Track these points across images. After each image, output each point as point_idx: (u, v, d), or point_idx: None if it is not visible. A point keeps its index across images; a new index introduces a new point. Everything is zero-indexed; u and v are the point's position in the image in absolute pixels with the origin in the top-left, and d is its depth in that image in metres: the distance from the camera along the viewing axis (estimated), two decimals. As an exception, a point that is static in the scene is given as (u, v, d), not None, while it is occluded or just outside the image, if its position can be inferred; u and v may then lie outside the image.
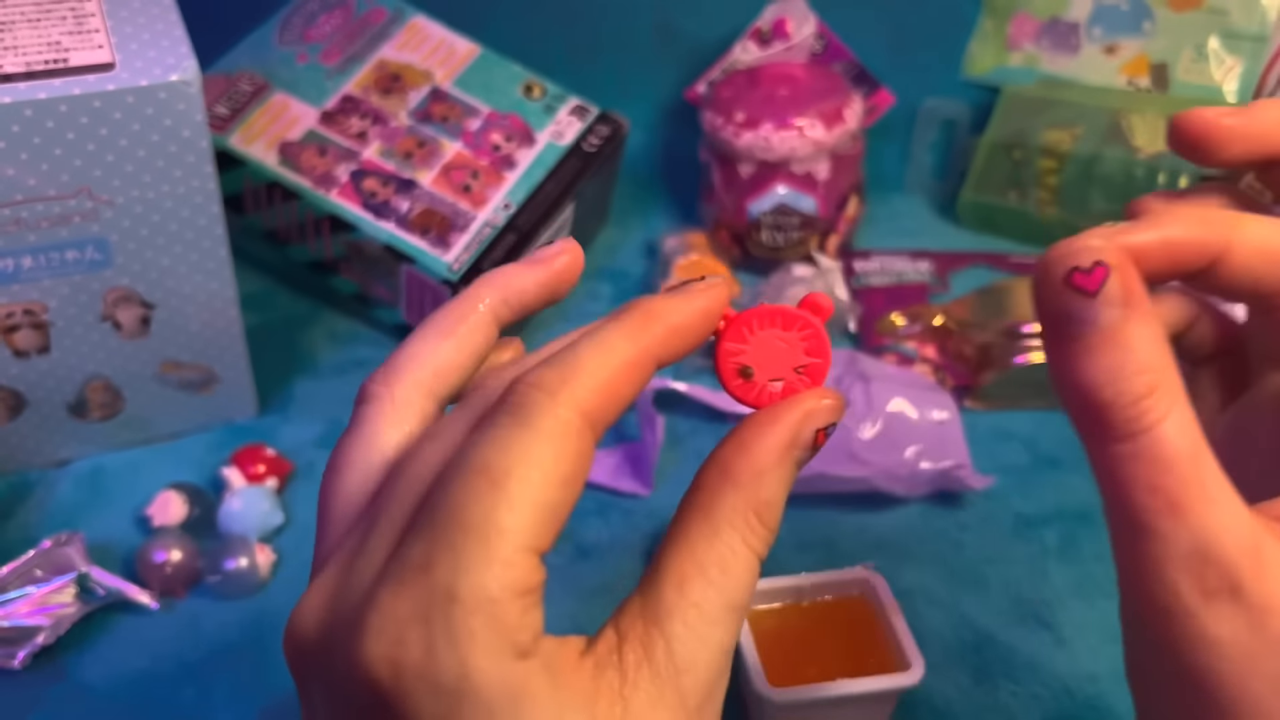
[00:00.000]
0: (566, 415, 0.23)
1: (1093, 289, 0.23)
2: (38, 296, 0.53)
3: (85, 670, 0.51)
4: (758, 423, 0.26)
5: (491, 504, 0.22)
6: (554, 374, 0.23)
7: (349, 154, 0.66)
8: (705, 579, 0.24)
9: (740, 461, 0.25)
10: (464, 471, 0.23)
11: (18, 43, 0.49)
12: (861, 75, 0.81)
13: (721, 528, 0.25)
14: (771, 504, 0.25)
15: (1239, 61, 0.77)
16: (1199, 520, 0.23)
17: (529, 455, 0.23)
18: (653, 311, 0.25)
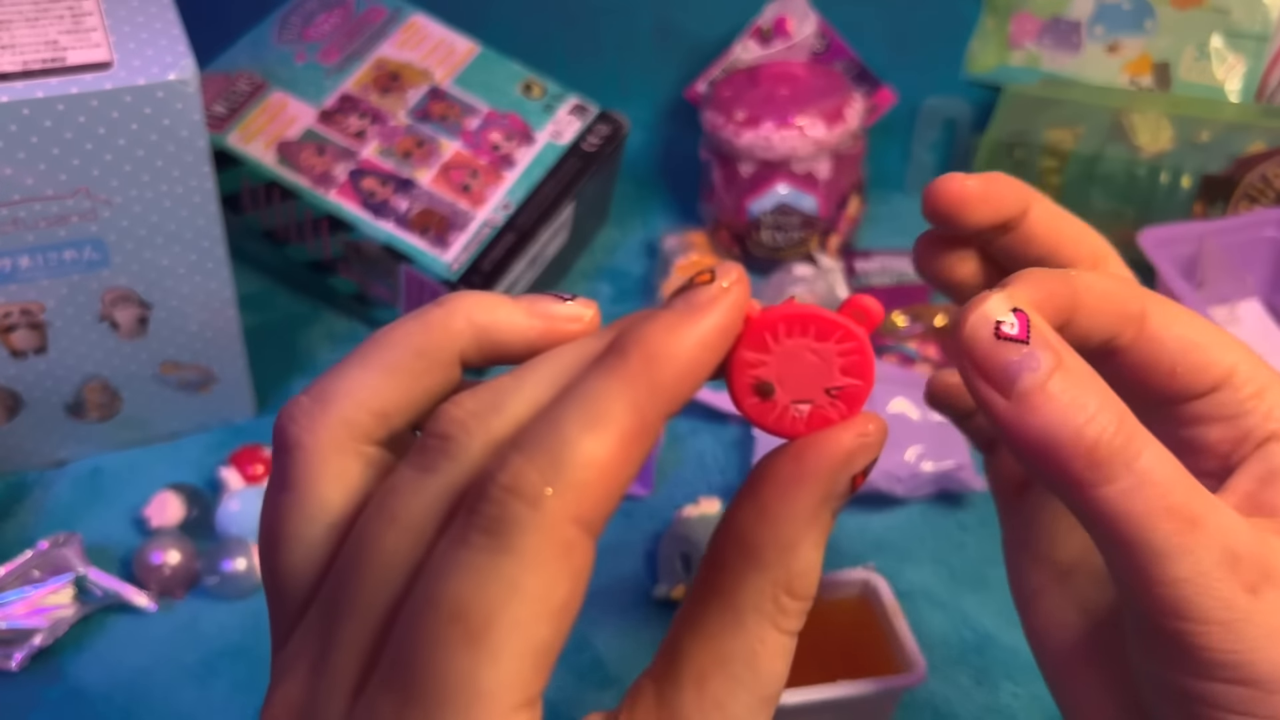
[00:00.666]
0: (561, 531, 0.18)
1: (1025, 336, 0.22)
2: (35, 296, 0.53)
3: (82, 672, 0.51)
4: (780, 480, 0.21)
5: (471, 663, 0.18)
6: (536, 473, 0.18)
7: (347, 153, 0.66)
8: (729, 675, 0.21)
9: (763, 533, 0.21)
10: (434, 617, 0.18)
11: (15, 41, 0.49)
12: (862, 74, 0.80)
13: (746, 616, 0.21)
14: (806, 574, 0.21)
15: (1241, 60, 0.77)
16: (1219, 524, 0.22)
17: (513, 593, 0.18)
18: (655, 354, 0.20)
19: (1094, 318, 0.25)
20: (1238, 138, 0.72)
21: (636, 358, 0.20)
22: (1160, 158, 0.73)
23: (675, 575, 0.54)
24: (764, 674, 0.21)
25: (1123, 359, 0.26)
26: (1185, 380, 0.26)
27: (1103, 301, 0.25)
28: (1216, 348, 0.26)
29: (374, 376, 0.22)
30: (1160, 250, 0.67)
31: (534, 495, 0.18)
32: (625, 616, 0.54)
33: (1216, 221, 0.70)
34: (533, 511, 0.18)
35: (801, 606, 0.22)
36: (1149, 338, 0.26)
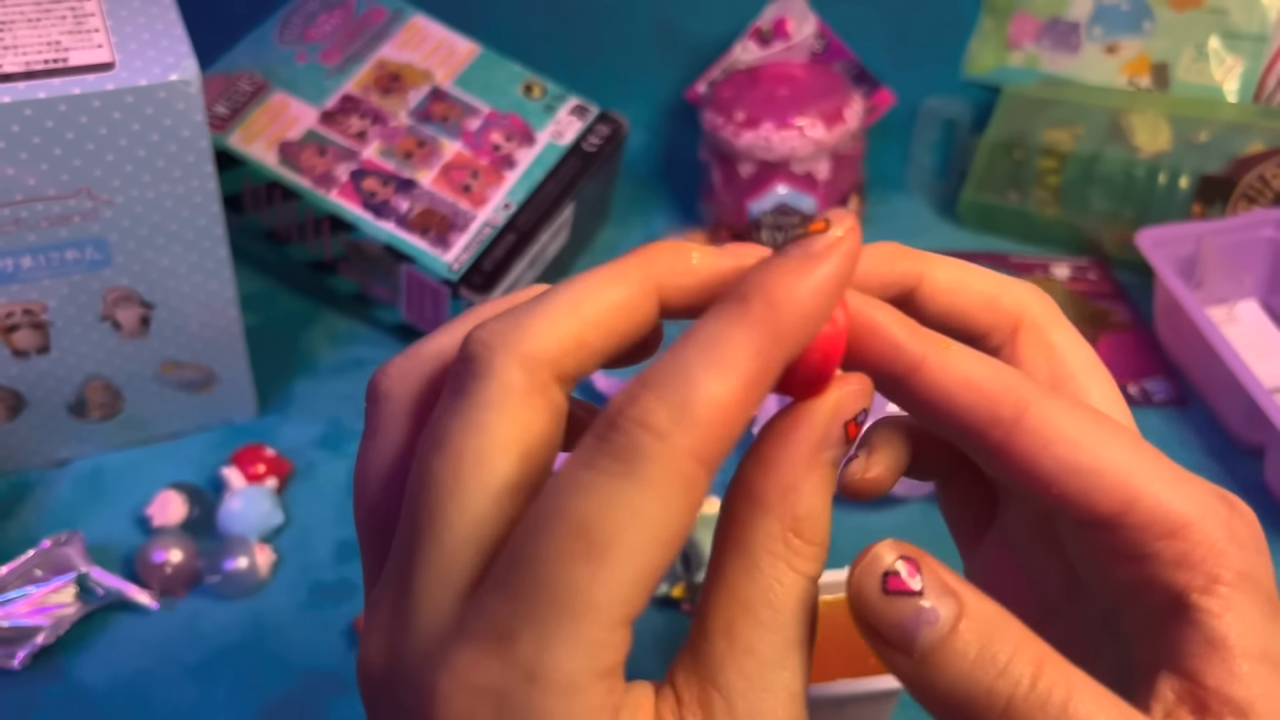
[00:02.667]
0: (682, 465, 0.19)
1: (914, 588, 0.21)
2: (37, 296, 0.53)
3: (84, 670, 0.51)
4: (777, 431, 0.22)
5: (588, 575, 0.19)
6: (664, 409, 0.19)
7: (349, 153, 0.66)
8: (754, 619, 0.22)
9: (764, 480, 0.22)
10: (558, 529, 0.19)
11: (17, 42, 0.49)
12: (862, 75, 0.80)
13: (760, 559, 0.22)
14: (811, 517, 0.22)
15: (1239, 61, 0.77)
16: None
17: (635, 517, 0.19)
18: (775, 300, 0.20)
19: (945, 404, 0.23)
20: (1236, 138, 0.72)
21: (758, 304, 0.20)
22: (1158, 158, 0.74)
23: (675, 575, 0.54)
24: (785, 613, 0.22)
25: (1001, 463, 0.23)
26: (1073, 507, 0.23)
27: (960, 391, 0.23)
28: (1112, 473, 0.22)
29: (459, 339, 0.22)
30: (1158, 250, 0.67)
31: (661, 429, 0.19)
32: (625, 615, 0.54)
33: (1215, 222, 0.70)
34: (659, 444, 0.19)
35: (813, 551, 0.22)
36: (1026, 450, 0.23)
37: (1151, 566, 0.22)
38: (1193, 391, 0.67)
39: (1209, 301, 0.70)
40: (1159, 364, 0.68)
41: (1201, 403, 0.66)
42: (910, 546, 0.22)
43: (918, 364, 0.23)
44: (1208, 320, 0.62)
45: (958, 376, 0.23)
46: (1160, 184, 0.73)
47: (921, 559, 0.21)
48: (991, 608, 0.21)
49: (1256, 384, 0.59)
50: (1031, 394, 0.23)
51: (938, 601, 0.21)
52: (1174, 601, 0.22)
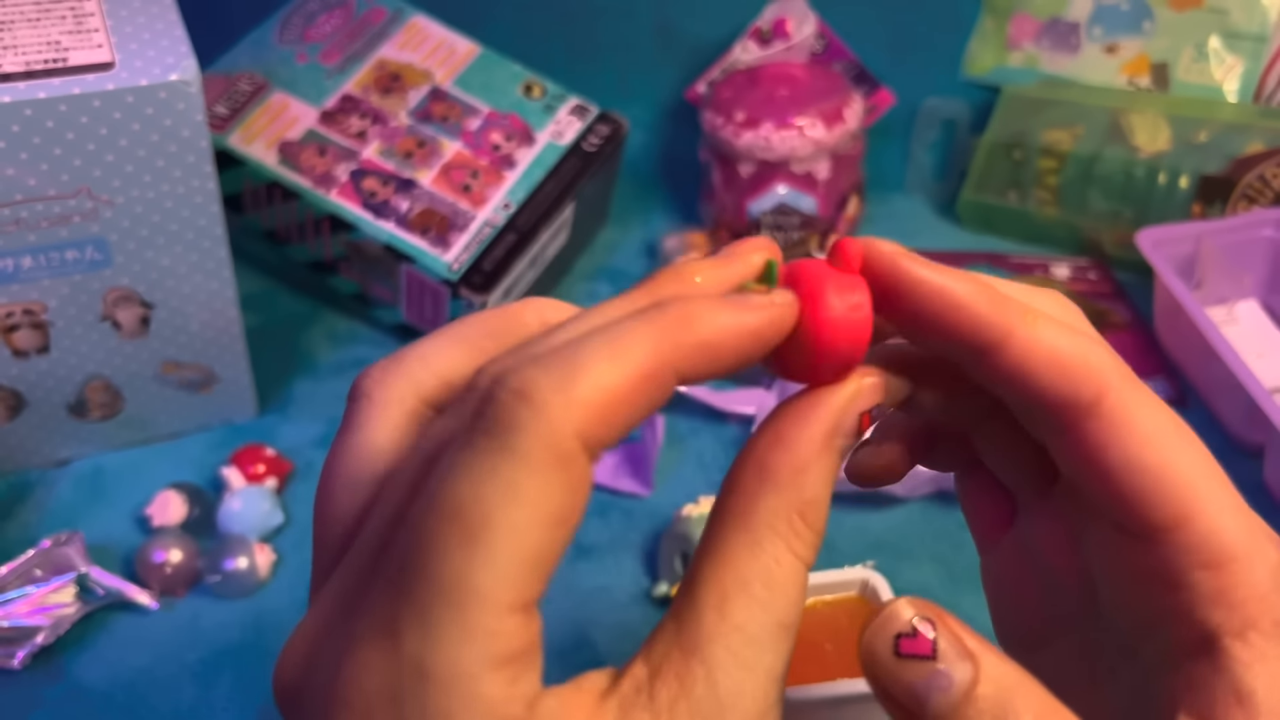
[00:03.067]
0: (559, 438, 0.18)
1: (929, 650, 0.20)
2: (37, 296, 0.53)
3: (85, 670, 0.51)
4: (795, 412, 0.22)
5: (465, 560, 0.18)
6: (546, 377, 0.19)
7: (349, 154, 0.66)
8: (749, 596, 0.21)
9: (778, 457, 0.22)
10: (432, 514, 0.19)
11: (17, 42, 0.49)
12: (862, 75, 0.80)
13: (763, 535, 0.21)
14: (816, 503, 0.22)
15: (1239, 61, 0.77)
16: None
17: (512, 493, 0.18)
18: (691, 316, 0.20)
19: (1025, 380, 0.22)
20: (1236, 138, 0.72)
21: (674, 313, 0.20)
22: (1158, 158, 0.74)
23: (675, 575, 0.54)
24: (780, 595, 0.21)
25: (1067, 448, 0.23)
26: (1125, 510, 0.22)
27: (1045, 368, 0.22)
28: (1181, 473, 0.21)
29: (445, 346, 0.23)
30: (1158, 250, 0.67)
31: (540, 400, 0.19)
32: (625, 616, 0.54)
33: (1214, 222, 0.70)
34: (534, 414, 0.19)
35: (814, 538, 0.22)
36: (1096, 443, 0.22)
37: (1187, 596, 0.21)
38: (1192, 391, 0.67)
39: (1209, 301, 0.70)
40: (1159, 364, 0.68)
41: (1201, 403, 0.66)
42: (930, 606, 0.21)
43: (1004, 338, 0.22)
44: (1208, 320, 0.63)
45: (1043, 352, 0.22)
46: (1160, 184, 0.73)
47: (940, 619, 0.21)
48: (1010, 672, 0.20)
49: (1256, 384, 0.59)
50: (1115, 378, 0.22)
51: (953, 665, 0.20)
52: (1204, 639, 0.21)
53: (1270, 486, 0.60)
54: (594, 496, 0.60)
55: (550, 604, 0.24)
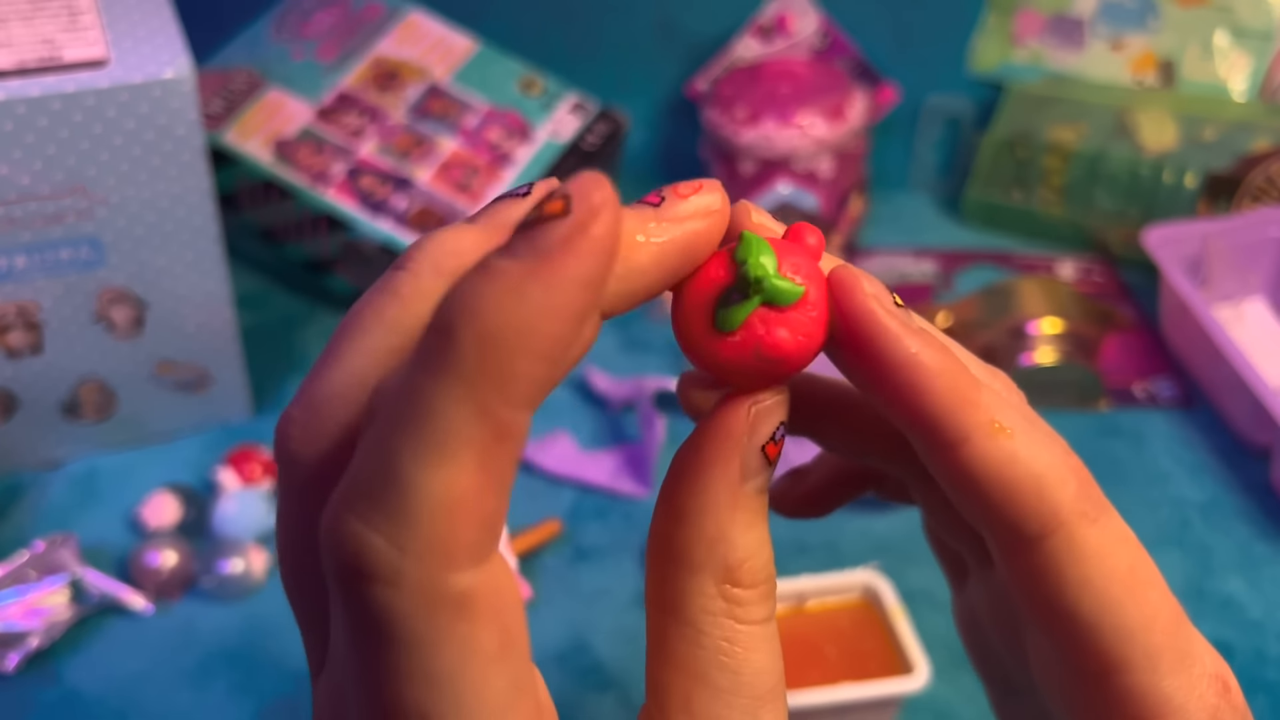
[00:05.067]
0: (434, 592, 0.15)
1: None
2: (31, 296, 0.53)
3: (78, 674, 0.51)
4: (686, 473, 0.20)
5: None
6: (379, 537, 0.15)
7: (345, 151, 0.66)
8: (711, 689, 0.19)
9: (684, 535, 0.19)
10: None
11: (10, 39, 0.49)
12: (864, 71, 0.80)
13: (700, 622, 0.19)
14: (747, 559, 0.19)
15: (1246, 58, 0.76)
16: None
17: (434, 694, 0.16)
18: (490, 333, 0.15)
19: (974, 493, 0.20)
20: (1242, 136, 0.71)
21: (469, 341, 0.14)
22: (1164, 156, 0.73)
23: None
24: (745, 674, 0.19)
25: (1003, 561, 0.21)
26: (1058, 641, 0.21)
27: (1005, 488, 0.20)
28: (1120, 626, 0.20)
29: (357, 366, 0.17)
30: (1164, 249, 0.67)
31: (389, 573, 0.15)
32: (625, 617, 0.53)
33: (1221, 220, 0.69)
34: (398, 595, 0.15)
35: (757, 593, 0.20)
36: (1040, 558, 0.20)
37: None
38: (1199, 391, 0.66)
39: (1215, 300, 0.69)
40: (1165, 363, 0.68)
41: (1208, 402, 0.65)
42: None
43: (959, 441, 0.20)
44: (1214, 320, 0.62)
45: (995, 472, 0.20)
46: (1166, 182, 0.73)
47: None
48: None
49: (1263, 383, 0.58)
50: (1069, 513, 0.20)
51: None
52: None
53: (1277, 487, 0.59)
54: (594, 498, 0.59)
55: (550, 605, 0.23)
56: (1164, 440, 0.63)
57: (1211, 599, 0.55)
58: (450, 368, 0.14)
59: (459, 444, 0.15)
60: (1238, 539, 0.58)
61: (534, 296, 0.14)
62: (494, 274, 0.15)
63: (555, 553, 0.56)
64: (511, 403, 0.15)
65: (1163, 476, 0.61)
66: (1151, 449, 0.63)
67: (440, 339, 0.15)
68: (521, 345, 0.15)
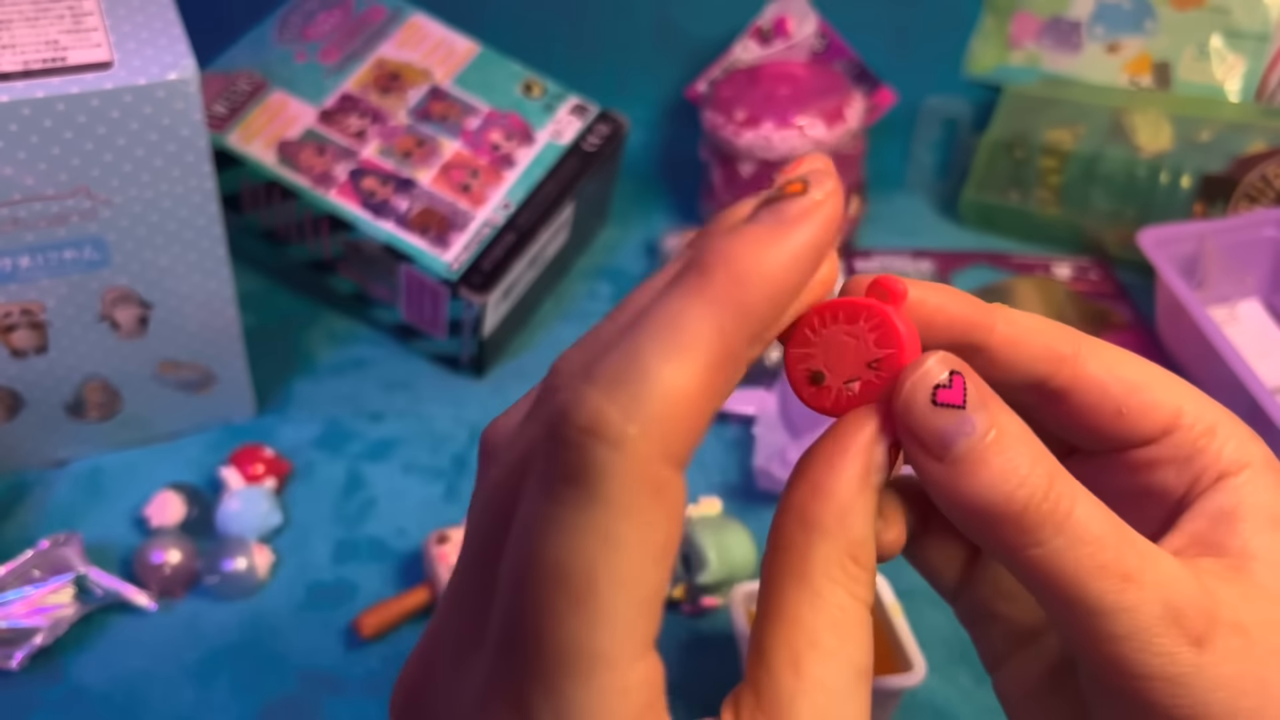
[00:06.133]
0: (650, 473, 0.17)
1: (960, 400, 0.22)
2: (35, 296, 0.53)
3: (83, 672, 0.51)
4: (825, 457, 0.22)
5: (580, 625, 0.17)
6: (615, 408, 0.17)
7: (348, 153, 0.66)
8: (821, 650, 0.21)
9: (820, 507, 0.22)
10: (536, 581, 0.18)
11: (15, 41, 0.49)
12: (863, 74, 0.80)
13: (822, 586, 0.21)
14: (864, 542, 0.22)
15: (1241, 60, 0.77)
16: (1157, 579, 0.22)
17: (611, 546, 0.17)
18: (742, 272, 0.18)
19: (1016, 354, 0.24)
20: (1238, 137, 0.72)
21: (721, 276, 0.18)
22: (1160, 157, 0.73)
23: (675, 575, 0.54)
24: (852, 642, 0.21)
25: (1067, 404, 0.25)
26: (1133, 423, 0.25)
27: (1028, 337, 0.24)
28: (1161, 388, 0.25)
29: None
30: (1160, 250, 0.67)
31: (617, 436, 0.17)
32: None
33: (1216, 221, 0.70)
34: (617, 454, 0.17)
35: (868, 576, 0.22)
36: (1090, 380, 0.25)
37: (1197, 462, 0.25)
38: (1194, 391, 0.66)
39: (1211, 301, 0.70)
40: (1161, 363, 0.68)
41: (1203, 403, 0.66)
42: (957, 360, 0.22)
43: (989, 328, 0.24)
44: (1209, 320, 0.62)
45: (1024, 327, 0.25)
46: (1162, 183, 0.73)
47: (967, 373, 0.22)
48: (1018, 426, 0.22)
49: (1258, 384, 0.59)
50: (1083, 339, 0.25)
51: (976, 415, 0.22)
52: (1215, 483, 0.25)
53: (1273, 487, 0.60)
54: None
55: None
56: (1160, 439, 0.64)
57: (1207, 597, 0.55)
58: (702, 293, 0.18)
59: (699, 351, 0.18)
60: (1233, 537, 0.58)
61: (778, 249, 0.19)
62: (747, 232, 0.19)
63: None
64: (742, 330, 0.18)
65: (1158, 475, 0.61)
66: (1147, 448, 0.63)
67: (697, 272, 0.18)
68: (759, 287, 0.18)
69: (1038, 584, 0.22)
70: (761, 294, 0.18)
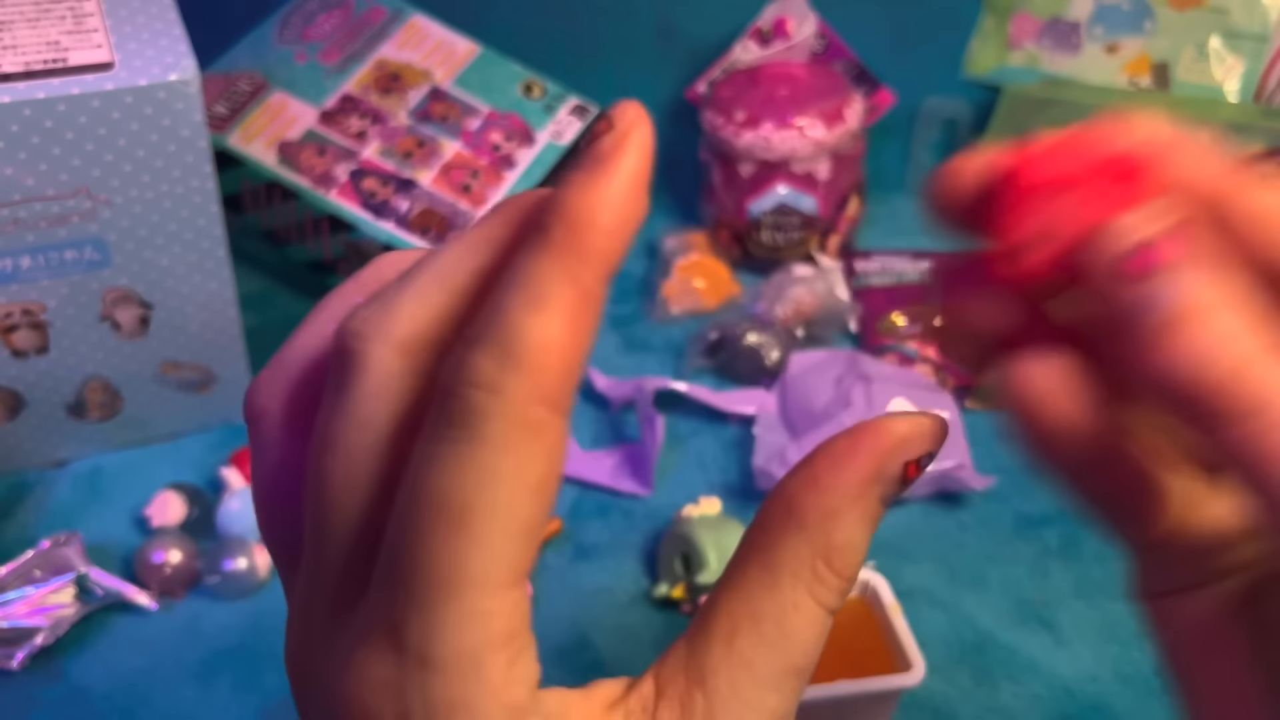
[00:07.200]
0: (523, 413, 0.19)
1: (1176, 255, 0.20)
2: (36, 296, 0.53)
3: (84, 671, 0.51)
4: (834, 451, 0.22)
5: (455, 548, 0.19)
6: (490, 361, 0.19)
7: (348, 153, 0.66)
8: (759, 633, 0.21)
9: (807, 498, 0.21)
10: (418, 510, 0.19)
11: (16, 42, 0.49)
12: (862, 74, 0.80)
13: (782, 577, 0.21)
14: (846, 549, 0.21)
15: (1240, 61, 0.77)
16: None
17: (490, 477, 0.19)
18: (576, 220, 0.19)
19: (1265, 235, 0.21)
20: (1237, 138, 0.72)
21: (559, 228, 0.19)
22: (1159, 158, 0.74)
23: (675, 575, 0.54)
24: (793, 639, 0.21)
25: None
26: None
27: None
28: None
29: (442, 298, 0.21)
30: (1159, 250, 0.67)
31: (493, 383, 0.19)
32: (625, 616, 0.54)
33: (1215, 222, 0.70)
34: (495, 398, 0.19)
35: (840, 584, 0.21)
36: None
37: None
38: (1193, 392, 0.66)
39: (1210, 301, 0.70)
40: (1160, 364, 0.68)
41: (1202, 403, 0.66)
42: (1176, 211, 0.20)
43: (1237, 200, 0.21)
44: (1208, 320, 0.62)
45: None
46: (1161, 184, 0.73)
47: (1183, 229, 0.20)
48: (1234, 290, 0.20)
49: (1257, 384, 0.59)
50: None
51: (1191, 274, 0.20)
52: None
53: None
54: (594, 497, 0.60)
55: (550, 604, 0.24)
56: (1159, 440, 0.64)
57: (1205, 596, 0.55)
58: (548, 248, 0.19)
59: (555, 300, 0.19)
60: (1232, 537, 0.58)
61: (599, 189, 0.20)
62: (572, 181, 0.20)
63: (556, 551, 0.57)
64: (590, 268, 0.19)
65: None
66: (1146, 448, 0.63)
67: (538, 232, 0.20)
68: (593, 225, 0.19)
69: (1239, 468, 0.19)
70: (600, 234, 0.19)
